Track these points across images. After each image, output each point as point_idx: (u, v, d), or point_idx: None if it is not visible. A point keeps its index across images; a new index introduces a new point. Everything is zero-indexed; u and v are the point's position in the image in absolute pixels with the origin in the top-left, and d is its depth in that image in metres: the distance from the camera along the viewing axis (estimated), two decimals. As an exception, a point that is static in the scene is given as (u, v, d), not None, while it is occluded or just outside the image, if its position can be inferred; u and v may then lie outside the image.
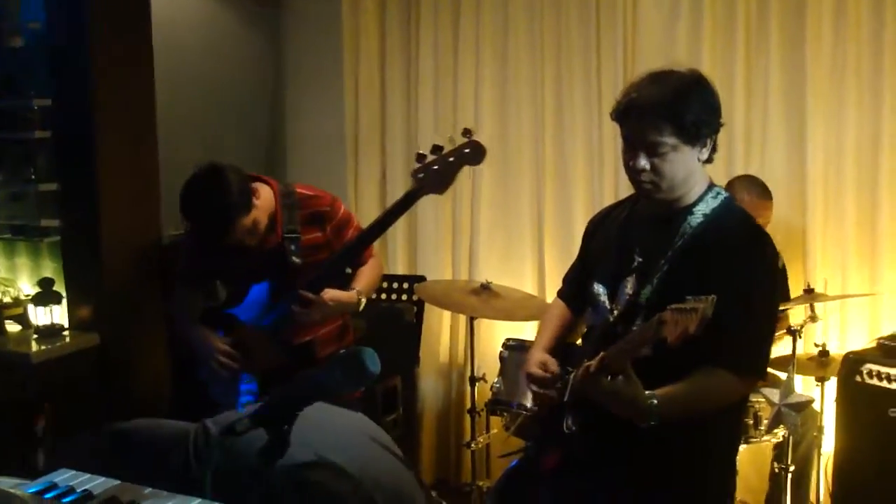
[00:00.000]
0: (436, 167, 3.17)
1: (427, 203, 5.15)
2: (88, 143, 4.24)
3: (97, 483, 1.81)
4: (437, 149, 3.17)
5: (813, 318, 4.13)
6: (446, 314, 5.27)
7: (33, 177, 4.52)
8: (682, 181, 2.56)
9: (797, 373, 4.08)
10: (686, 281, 2.44)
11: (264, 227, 3.44)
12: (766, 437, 4.05)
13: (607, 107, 2.76)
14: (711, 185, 2.66)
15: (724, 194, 2.66)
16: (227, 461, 2.08)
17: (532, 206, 5.15)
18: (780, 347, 4.28)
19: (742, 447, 4.06)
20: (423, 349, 5.18)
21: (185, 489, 1.88)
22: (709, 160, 2.60)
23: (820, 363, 4.16)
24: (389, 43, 5.45)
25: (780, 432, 4.02)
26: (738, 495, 4.32)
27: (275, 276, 3.44)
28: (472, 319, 4.60)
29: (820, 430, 4.17)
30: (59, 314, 4.35)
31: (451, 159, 3.16)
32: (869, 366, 3.87)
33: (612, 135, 4.71)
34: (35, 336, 4.29)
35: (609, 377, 2.38)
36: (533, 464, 2.91)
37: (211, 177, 3.30)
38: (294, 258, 3.43)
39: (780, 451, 4.24)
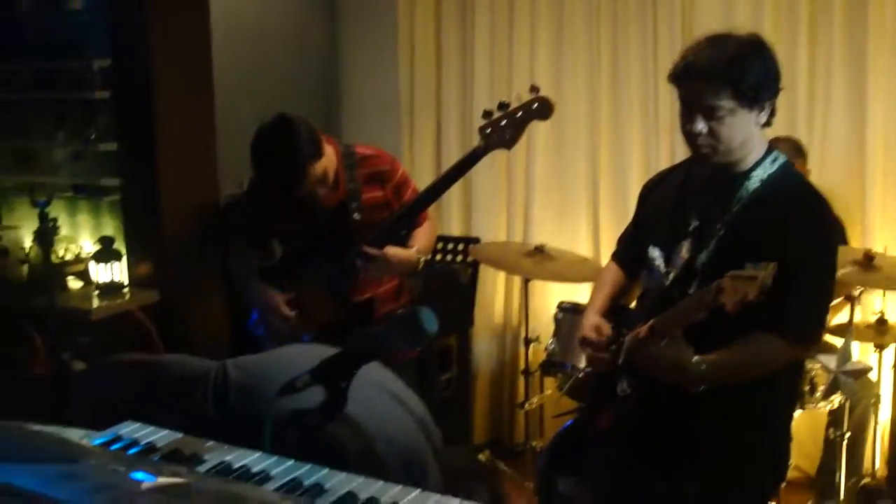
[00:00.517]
0: (503, 123, 3.18)
1: (482, 165, 5.05)
2: (147, 104, 4.28)
3: (160, 436, 1.84)
4: (503, 105, 3.18)
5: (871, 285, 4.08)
6: (501, 275, 5.28)
7: (94, 136, 4.56)
8: (740, 145, 2.56)
9: (855, 340, 4.04)
10: (743, 246, 2.45)
11: (331, 181, 3.45)
12: (821, 404, 4.02)
13: (663, 70, 2.72)
14: (770, 150, 2.65)
15: (781, 159, 2.65)
16: (243, 404, 2.12)
17: (587, 169, 5.13)
18: (839, 314, 4.24)
19: (798, 413, 4.04)
20: (477, 310, 5.20)
21: (203, 427, 1.90)
22: (767, 124, 2.59)
23: (878, 331, 4.11)
24: (445, 3, 5.42)
25: (837, 399, 3.99)
26: (794, 461, 4.30)
27: (335, 234, 3.45)
28: (526, 281, 4.61)
29: (877, 398, 4.14)
30: (119, 271, 4.41)
31: (519, 115, 3.17)
32: (928, 333, 3.83)
33: (667, 98, 4.66)
34: (96, 292, 4.36)
35: (657, 342, 2.40)
36: (586, 424, 2.93)
37: (281, 125, 3.30)
38: (355, 215, 3.44)
39: (834, 417, 4.21)
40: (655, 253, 2.72)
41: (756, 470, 2.70)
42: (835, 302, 4.17)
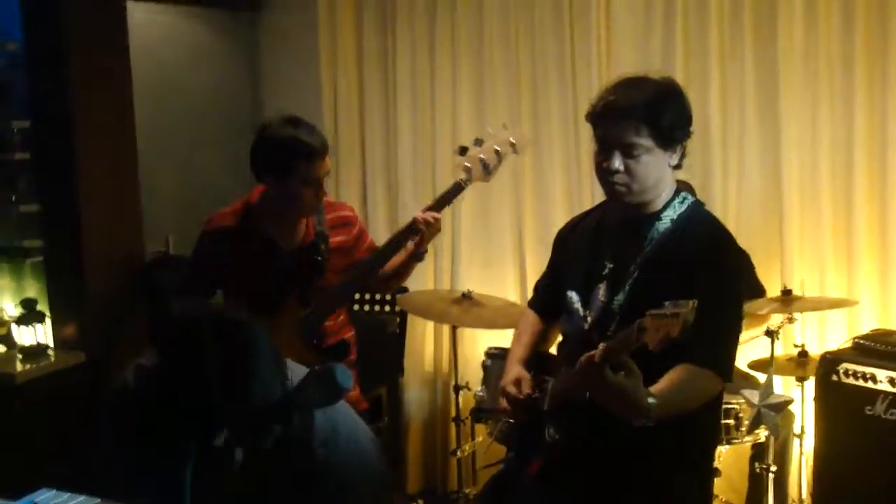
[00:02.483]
0: (482, 156, 3.37)
1: (406, 212, 5.20)
2: (69, 163, 4.27)
3: (78, 502, 1.83)
4: (479, 141, 3.38)
5: (790, 320, 4.17)
6: (429, 324, 5.29)
7: (14, 198, 4.52)
8: (654, 185, 2.60)
9: (777, 373, 4.12)
10: (657, 286, 2.48)
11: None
12: (747, 438, 4.09)
13: (584, 115, 2.78)
14: (678, 191, 2.70)
15: (690, 199, 2.71)
16: None
17: (512, 215, 5.18)
18: (759, 349, 4.32)
19: (724, 448, 4.11)
20: (407, 359, 5.21)
21: None
22: (678, 166, 2.65)
23: (799, 363, 4.19)
24: (367, 53, 5.48)
25: (761, 432, 4.06)
26: (722, 495, 4.39)
27: (304, 277, 3.46)
28: (454, 328, 4.63)
29: (802, 430, 4.21)
30: (43, 334, 4.36)
31: (497, 149, 3.37)
32: (845, 365, 3.89)
33: (589, 142, 4.72)
34: (20, 356, 4.30)
35: (612, 370, 2.32)
36: (515, 472, 2.92)
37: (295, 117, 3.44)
38: (323, 256, 3.47)
39: (758, 450, 4.28)
40: (574, 296, 2.74)
41: None
42: (756, 336, 4.26)
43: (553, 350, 3.03)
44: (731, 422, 4.04)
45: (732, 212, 4.70)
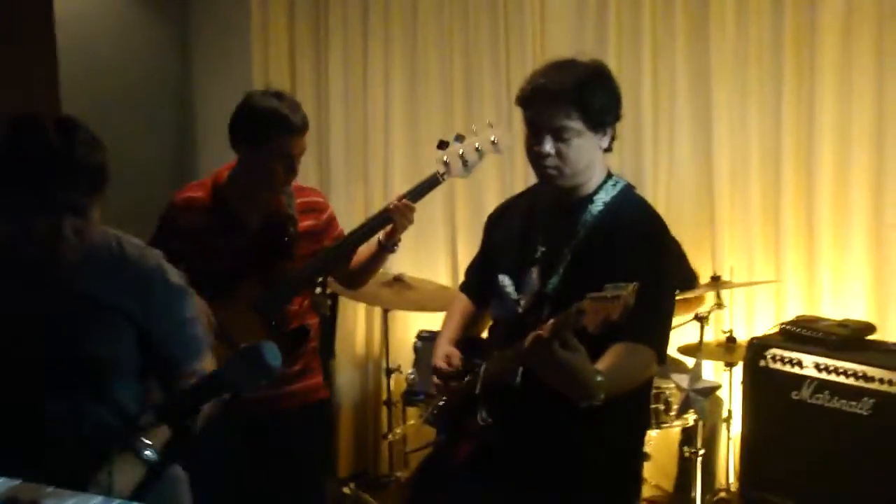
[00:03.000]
0: (461, 152, 3.39)
1: (339, 196, 5.16)
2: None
3: (-5, 483, 1.78)
4: (460, 137, 3.41)
5: (720, 305, 4.23)
6: (361, 306, 5.26)
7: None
8: (585, 168, 2.60)
9: (706, 359, 4.17)
10: (592, 269, 2.49)
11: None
12: (676, 423, 4.14)
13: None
14: (610, 175, 2.71)
15: (622, 182, 2.71)
16: None
17: (444, 197, 5.15)
18: (689, 334, 4.36)
19: (654, 432, 4.16)
20: (338, 341, 5.17)
21: None
22: (608, 149, 2.66)
23: (727, 349, 4.24)
24: (299, 36, 5.42)
25: (690, 417, 4.11)
26: (652, 479, 4.44)
27: (268, 255, 3.39)
28: (386, 311, 4.61)
29: (730, 414, 4.26)
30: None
31: (478, 146, 3.39)
32: (773, 350, 3.96)
33: (522, 127, 4.73)
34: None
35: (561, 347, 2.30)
36: (445, 455, 2.91)
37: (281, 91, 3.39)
38: (290, 238, 3.39)
39: (687, 435, 4.34)
40: (506, 281, 2.73)
41: (616, 490, 2.73)
42: (686, 322, 4.31)
43: (483, 335, 3.02)
44: (661, 406, 4.10)
45: (663, 199, 4.73)
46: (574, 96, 2.51)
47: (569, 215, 2.64)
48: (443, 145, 3.39)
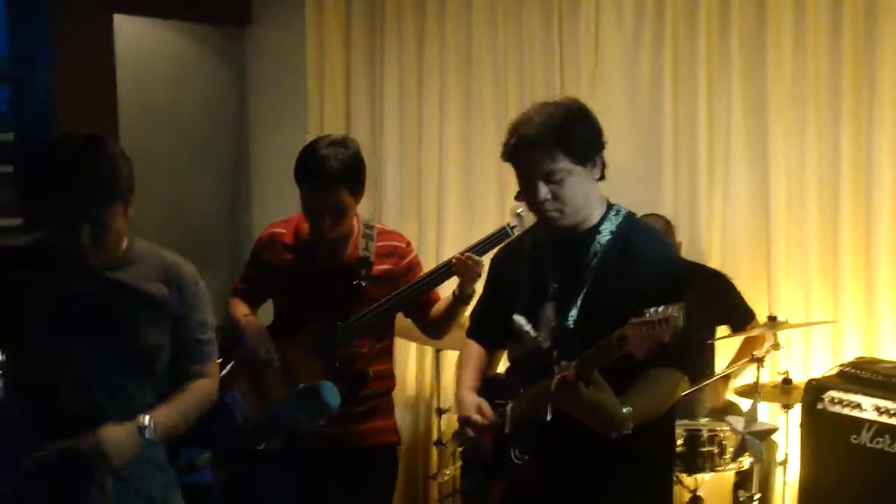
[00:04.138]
0: None
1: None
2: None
3: None
4: None
5: (776, 346, 4.15)
6: (412, 346, 5.25)
7: (-6, 211, 4.49)
8: (584, 204, 2.63)
9: (761, 400, 4.11)
10: (610, 297, 2.53)
11: (348, 234, 3.41)
12: (731, 466, 4.07)
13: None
14: (611, 205, 2.74)
15: (624, 210, 2.74)
16: None
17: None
18: (745, 376, 4.31)
19: (708, 476, 4.10)
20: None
21: None
22: (602, 178, 2.68)
23: (783, 391, 4.18)
24: (354, 70, 5.46)
25: (746, 460, 4.04)
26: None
27: (338, 298, 3.37)
28: (438, 351, 4.59)
29: (786, 457, 4.19)
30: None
31: None
32: (831, 393, 3.89)
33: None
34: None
35: (586, 386, 2.37)
36: (479, 499, 2.92)
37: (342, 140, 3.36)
38: (362, 283, 3.37)
39: (741, 478, 4.26)
40: (522, 320, 2.72)
41: None
42: (743, 362, 4.25)
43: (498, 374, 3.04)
44: (715, 449, 4.03)
45: (718, 237, 4.70)
46: (555, 138, 2.55)
47: (577, 249, 2.67)
48: (521, 196, 3.29)
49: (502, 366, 3.03)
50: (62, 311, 2.56)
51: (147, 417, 2.53)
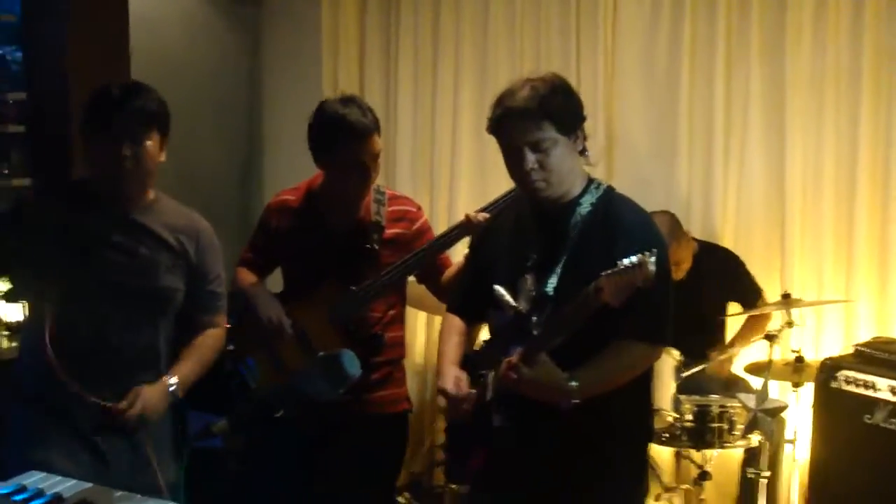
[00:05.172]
0: None
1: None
2: (63, 139, 4.20)
3: (68, 486, 1.78)
4: None
5: (790, 324, 4.13)
6: (421, 315, 5.24)
7: (7, 171, 4.46)
8: (567, 173, 2.72)
9: (772, 378, 4.09)
10: (589, 264, 2.58)
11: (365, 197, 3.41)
12: (739, 443, 4.07)
13: (587, 109, 2.71)
14: (591, 179, 2.81)
15: (604, 185, 2.82)
16: None
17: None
18: (756, 352, 4.29)
19: (716, 452, 4.09)
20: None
21: None
22: (583, 152, 2.75)
23: (795, 369, 4.16)
24: (369, 43, 5.44)
25: (755, 438, 4.03)
26: (713, 500, 4.35)
27: (350, 261, 3.38)
28: (448, 320, 4.56)
29: (795, 436, 4.18)
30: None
31: None
32: (846, 372, 3.88)
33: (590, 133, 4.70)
34: (6, 333, 4.23)
35: (528, 367, 2.56)
36: (459, 465, 3.03)
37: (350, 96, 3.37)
38: (374, 245, 3.38)
39: (750, 455, 4.26)
40: (501, 290, 2.78)
41: (628, 476, 2.89)
42: (755, 340, 4.24)
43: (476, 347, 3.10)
44: (725, 425, 4.03)
45: (732, 215, 4.69)
46: (540, 109, 2.64)
47: (557, 221, 2.74)
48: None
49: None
50: (89, 246, 2.81)
51: (174, 379, 2.86)
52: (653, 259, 2.35)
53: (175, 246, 2.93)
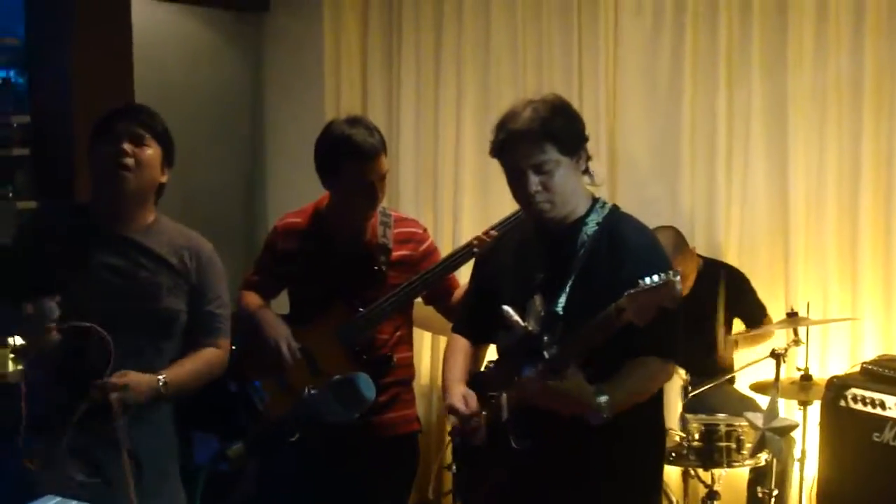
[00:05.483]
0: None
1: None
2: (67, 161, 4.20)
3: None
4: None
5: (797, 342, 4.13)
6: (427, 335, 5.23)
7: (11, 194, 4.45)
8: (571, 193, 2.73)
9: (780, 397, 4.08)
10: (599, 282, 2.63)
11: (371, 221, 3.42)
12: (748, 462, 4.05)
13: (590, 128, 2.72)
14: (595, 199, 2.82)
15: (609, 204, 2.83)
16: None
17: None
18: (763, 371, 4.28)
19: (724, 471, 4.08)
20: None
21: None
22: (587, 171, 2.77)
23: (802, 387, 4.15)
24: (371, 62, 5.44)
25: (763, 456, 4.02)
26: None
27: (358, 283, 3.38)
28: (453, 341, 4.55)
29: (803, 454, 4.17)
30: (36, 333, 4.29)
31: None
32: (853, 390, 3.87)
33: (596, 157, 4.69)
34: (11, 356, 4.22)
35: (557, 379, 2.53)
36: (476, 487, 3.00)
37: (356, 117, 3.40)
38: (382, 267, 3.38)
39: (757, 474, 4.25)
40: (509, 311, 2.77)
41: (646, 491, 2.91)
42: (761, 358, 4.23)
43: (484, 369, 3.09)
44: (733, 444, 4.02)
45: (736, 232, 4.70)
46: (543, 131, 2.64)
47: (564, 241, 2.75)
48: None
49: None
50: (91, 271, 2.81)
51: (163, 375, 2.82)
52: (678, 279, 2.35)
53: (176, 265, 2.92)
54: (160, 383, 2.81)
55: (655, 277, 2.37)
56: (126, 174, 2.79)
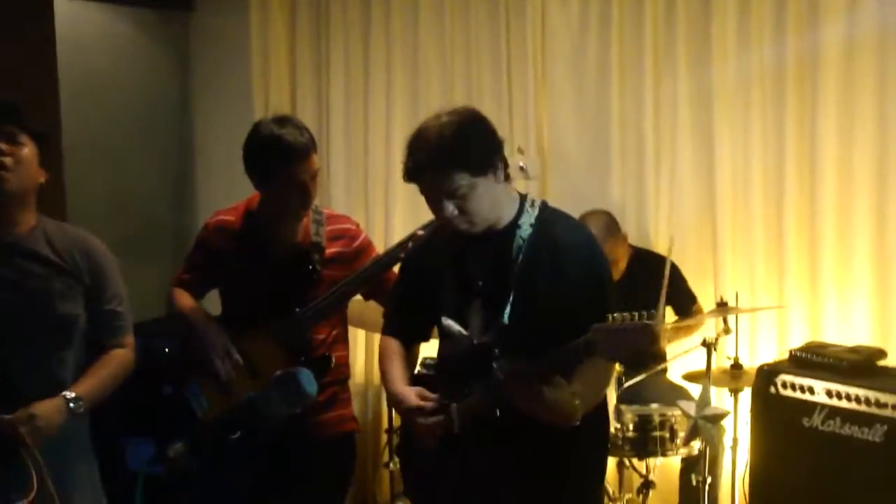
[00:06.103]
0: None
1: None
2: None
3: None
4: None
5: (727, 331, 4.19)
6: (361, 333, 5.22)
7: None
8: (491, 209, 2.66)
9: (711, 385, 4.13)
10: (541, 290, 2.62)
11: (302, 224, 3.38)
12: (682, 451, 4.10)
13: (519, 121, 2.74)
14: (522, 198, 2.78)
15: (538, 201, 2.79)
16: None
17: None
18: (694, 361, 4.34)
19: (658, 461, 4.12)
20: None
21: None
22: (507, 178, 2.69)
23: (733, 375, 4.21)
24: (299, 59, 5.42)
25: (696, 445, 4.07)
26: (654, 508, 4.39)
27: (293, 284, 3.33)
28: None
29: (735, 441, 4.23)
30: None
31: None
32: (783, 377, 3.92)
33: (522, 143, 4.72)
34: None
35: (546, 387, 2.47)
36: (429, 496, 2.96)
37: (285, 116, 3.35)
38: (316, 266, 3.34)
39: (688, 463, 4.30)
40: (450, 322, 2.76)
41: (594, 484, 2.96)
42: (692, 347, 4.28)
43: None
44: (666, 434, 4.06)
45: (664, 224, 4.75)
46: (449, 159, 2.56)
47: (499, 246, 2.71)
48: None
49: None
50: None
51: (73, 394, 2.73)
52: (659, 324, 2.26)
53: (68, 267, 2.84)
54: (69, 403, 2.72)
55: (630, 318, 2.28)
56: (5, 174, 2.70)
